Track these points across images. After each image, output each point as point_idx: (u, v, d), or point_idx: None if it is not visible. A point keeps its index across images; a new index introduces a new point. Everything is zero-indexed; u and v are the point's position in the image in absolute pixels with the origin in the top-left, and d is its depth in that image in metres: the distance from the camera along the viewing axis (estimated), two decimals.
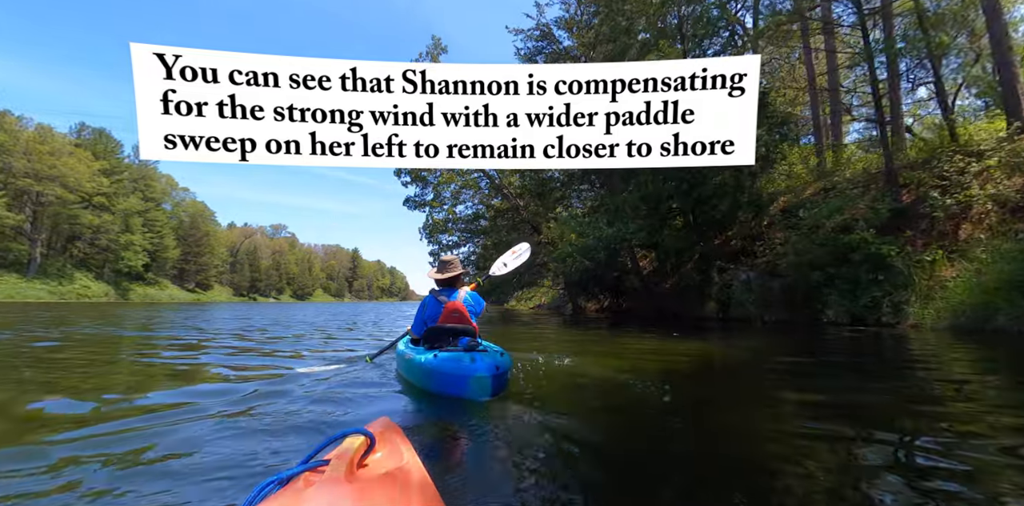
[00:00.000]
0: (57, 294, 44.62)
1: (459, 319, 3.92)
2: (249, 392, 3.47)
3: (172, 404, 3.11)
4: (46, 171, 45.78)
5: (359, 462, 1.01)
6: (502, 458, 2.28)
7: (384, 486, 0.95)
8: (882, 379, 4.55)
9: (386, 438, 1.18)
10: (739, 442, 2.58)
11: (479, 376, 3.17)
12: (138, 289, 55.95)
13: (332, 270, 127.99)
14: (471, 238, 25.30)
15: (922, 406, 3.35)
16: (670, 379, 4.41)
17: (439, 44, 23.10)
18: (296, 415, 2.86)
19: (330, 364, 4.88)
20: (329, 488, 0.85)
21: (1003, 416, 2.96)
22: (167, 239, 60.93)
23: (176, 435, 2.44)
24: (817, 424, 2.84)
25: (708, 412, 3.35)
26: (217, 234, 78.24)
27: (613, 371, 4.88)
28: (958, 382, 4.27)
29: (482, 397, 3.21)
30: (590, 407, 3.47)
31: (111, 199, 52.74)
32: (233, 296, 78.52)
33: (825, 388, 4.14)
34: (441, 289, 4.12)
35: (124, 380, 4.30)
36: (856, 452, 2.32)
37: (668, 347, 7.48)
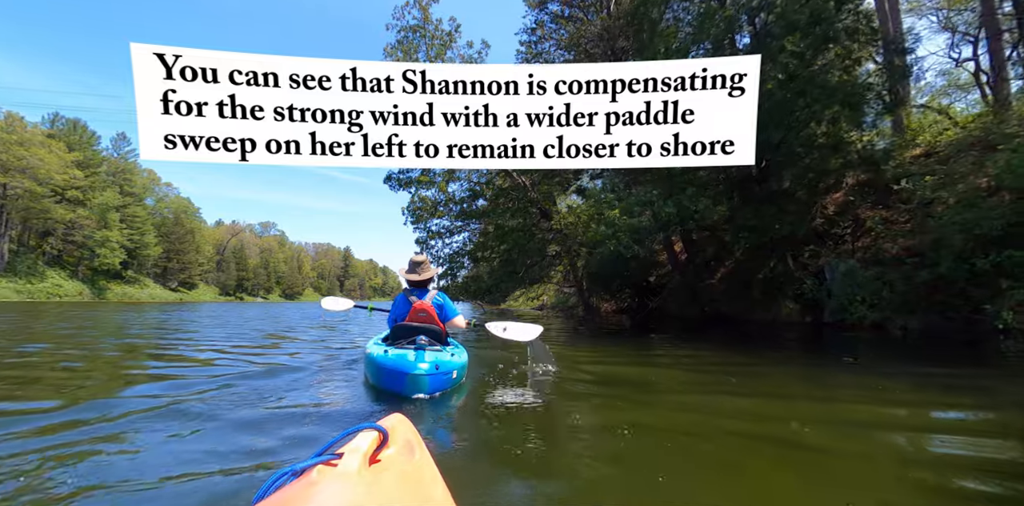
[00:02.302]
0: (25, 293, 43.34)
1: (426, 319, 4.13)
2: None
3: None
4: (14, 162, 44.28)
5: (372, 457, 1.05)
6: (514, 456, 2.38)
7: (396, 481, 0.99)
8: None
9: (399, 434, 1.21)
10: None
11: (415, 374, 3.34)
12: (116, 288, 54.99)
13: (323, 269, 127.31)
14: (467, 223, 21.25)
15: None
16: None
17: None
18: (302, 409, 3.01)
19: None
20: (342, 481, 0.89)
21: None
22: (148, 236, 59.87)
23: (182, 428, 2.61)
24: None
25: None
26: (203, 231, 77.09)
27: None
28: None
29: (416, 393, 3.38)
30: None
31: (86, 193, 51.57)
32: (219, 295, 77.58)
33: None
34: (412, 289, 4.32)
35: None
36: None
37: (842, 411, 3.60)
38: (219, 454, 2.27)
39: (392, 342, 3.94)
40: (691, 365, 6.06)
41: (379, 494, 0.90)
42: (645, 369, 5.65)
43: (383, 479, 0.97)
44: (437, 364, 3.48)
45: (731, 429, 2.95)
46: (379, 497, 0.90)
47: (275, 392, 3.64)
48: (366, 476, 0.94)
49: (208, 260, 77.21)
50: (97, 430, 2.62)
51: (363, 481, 0.92)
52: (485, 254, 19.50)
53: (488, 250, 19.29)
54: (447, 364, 3.63)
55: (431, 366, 3.42)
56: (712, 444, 2.68)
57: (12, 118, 47.72)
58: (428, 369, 3.39)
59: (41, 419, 2.86)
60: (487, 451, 2.51)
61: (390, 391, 3.53)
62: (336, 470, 0.93)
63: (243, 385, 3.87)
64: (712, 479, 2.17)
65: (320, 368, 4.93)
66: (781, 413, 3.45)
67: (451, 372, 3.68)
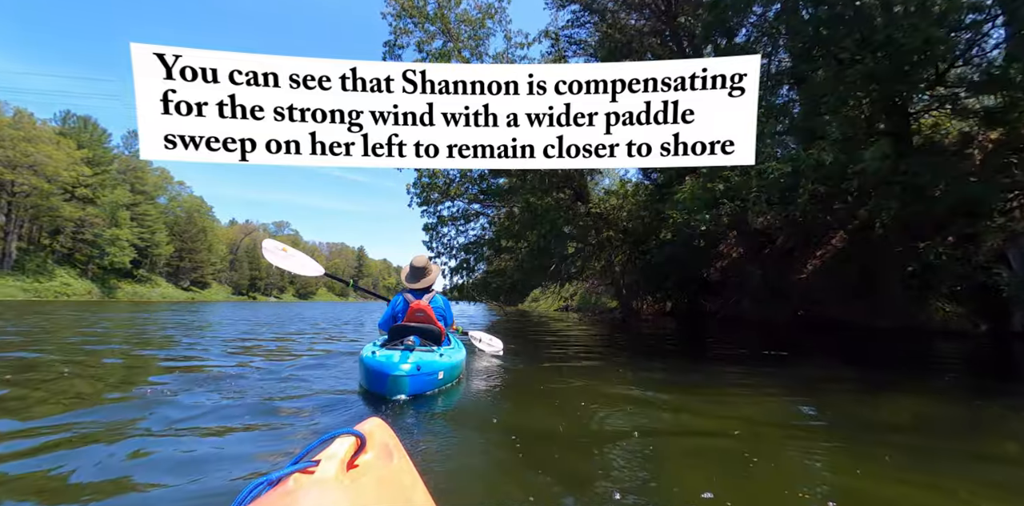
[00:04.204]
0: (33, 291, 43.61)
1: (423, 319, 4.22)
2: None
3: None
4: (21, 159, 44.55)
5: (350, 462, 1.05)
6: (494, 459, 2.41)
7: (375, 486, 1.00)
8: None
9: (377, 438, 1.21)
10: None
11: (395, 375, 3.40)
12: (126, 287, 55.69)
13: (337, 268, 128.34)
14: (486, 206, 17.90)
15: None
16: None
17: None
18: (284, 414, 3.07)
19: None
20: (319, 489, 0.90)
21: None
22: (159, 235, 60.57)
23: (154, 437, 2.57)
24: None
25: None
26: (216, 231, 77.80)
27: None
28: None
29: (396, 395, 3.42)
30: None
31: (96, 191, 52.12)
32: (232, 295, 78.27)
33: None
34: (411, 290, 4.44)
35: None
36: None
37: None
38: (190, 464, 2.19)
39: (388, 343, 4.02)
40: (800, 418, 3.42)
41: (358, 500, 0.91)
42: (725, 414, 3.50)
43: (361, 485, 0.98)
44: (419, 365, 3.52)
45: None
46: (358, 503, 0.90)
47: (258, 395, 3.62)
48: (344, 482, 0.94)
49: (221, 259, 77.99)
50: (56, 443, 2.47)
51: (341, 487, 0.92)
52: (509, 243, 16.27)
53: (515, 237, 15.93)
54: (431, 365, 3.65)
55: (412, 367, 3.47)
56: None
57: (21, 114, 48.06)
58: (409, 370, 3.44)
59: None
60: (468, 454, 2.51)
61: (375, 393, 3.58)
62: (313, 477, 0.93)
63: (225, 387, 3.83)
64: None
65: (314, 369, 4.97)
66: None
67: (435, 373, 3.69)
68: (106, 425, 2.80)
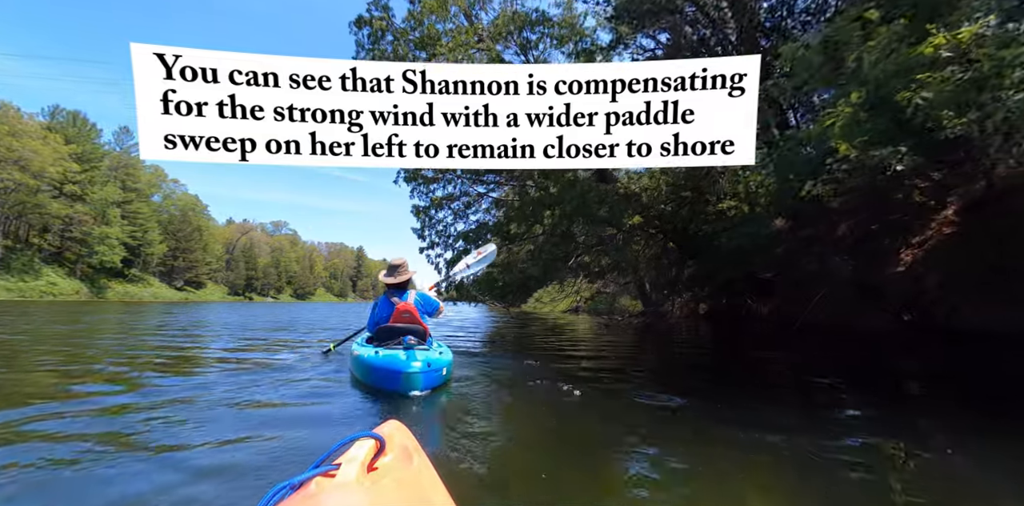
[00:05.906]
0: (17, 291, 43.06)
1: (409, 319, 4.41)
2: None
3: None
4: (5, 153, 43.81)
5: (370, 465, 1.08)
6: (514, 460, 2.46)
7: (395, 489, 1.02)
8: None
9: (396, 441, 1.24)
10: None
11: (409, 372, 3.64)
12: (116, 287, 55.16)
13: (335, 269, 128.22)
14: (491, 186, 15.53)
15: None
16: None
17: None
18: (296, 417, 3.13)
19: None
20: (341, 492, 0.93)
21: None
22: (151, 233, 60.01)
23: (181, 439, 2.63)
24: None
25: None
26: (212, 230, 77.30)
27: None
28: None
29: (412, 391, 3.66)
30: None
31: (85, 188, 51.46)
32: (228, 295, 77.81)
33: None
34: (393, 291, 4.61)
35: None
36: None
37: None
38: (210, 471, 2.20)
39: (378, 343, 4.25)
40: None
41: (379, 502, 0.94)
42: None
43: (382, 487, 1.01)
44: (429, 362, 3.81)
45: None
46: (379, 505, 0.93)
47: (263, 398, 3.65)
48: (365, 485, 0.98)
49: (217, 259, 77.66)
50: (65, 449, 2.45)
51: (362, 490, 0.95)
52: (521, 229, 13.69)
53: (528, 219, 13.34)
54: (438, 361, 3.96)
55: (423, 364, 3.73)
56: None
57: (6, 108, 47.26)
58: (421, 367, 3.70)
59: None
60: (487, 454, 2.53)
61: (385, 389, 3.78)
62: (334, 481, 0.96)
63: (229, 392, 3.84)
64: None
65: (308, 370, 5.02)
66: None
67: (441, 369, 4.01)
68: (107, 427, 2.85)
